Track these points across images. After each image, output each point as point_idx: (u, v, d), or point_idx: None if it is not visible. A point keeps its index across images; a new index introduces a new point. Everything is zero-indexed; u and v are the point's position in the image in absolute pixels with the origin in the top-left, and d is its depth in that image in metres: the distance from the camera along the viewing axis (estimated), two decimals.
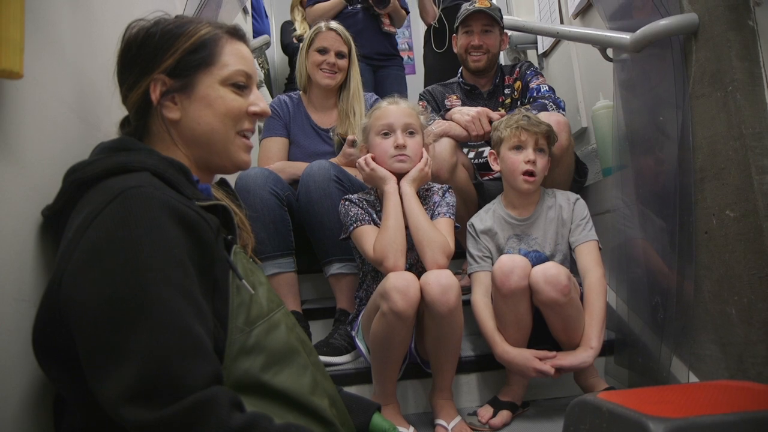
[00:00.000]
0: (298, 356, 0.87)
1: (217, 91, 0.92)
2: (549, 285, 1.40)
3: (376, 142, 1.56)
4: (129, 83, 0.92)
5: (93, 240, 0.71)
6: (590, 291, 1.52)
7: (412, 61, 5.19)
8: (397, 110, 1.56)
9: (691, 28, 1.34)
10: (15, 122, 0.84)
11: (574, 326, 1.46)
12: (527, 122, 1.61)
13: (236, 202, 1.06)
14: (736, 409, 0.84)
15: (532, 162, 1.59)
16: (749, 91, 1.22)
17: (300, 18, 3.76)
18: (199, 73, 0.92)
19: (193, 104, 0.91)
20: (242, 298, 0.83)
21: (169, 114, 0.91)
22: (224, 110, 0.93)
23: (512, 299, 1.44)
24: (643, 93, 1.59)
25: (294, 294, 1.82)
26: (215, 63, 0.93)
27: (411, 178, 1.54)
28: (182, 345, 0.68)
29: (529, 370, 1.45)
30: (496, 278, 1.45)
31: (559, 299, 1.40)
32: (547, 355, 1.46)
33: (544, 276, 1.41)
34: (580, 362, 1.44)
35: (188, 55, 0.91)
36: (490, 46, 2.14)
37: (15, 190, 0.84)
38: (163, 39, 0.91)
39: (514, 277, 1.42)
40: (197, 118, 0.92)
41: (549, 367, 1.43)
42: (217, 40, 0.94)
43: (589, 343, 1.45)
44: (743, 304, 1.23)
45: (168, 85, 0.91)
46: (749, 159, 1.20)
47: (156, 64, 0.90)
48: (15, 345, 0.79)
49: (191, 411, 0.65)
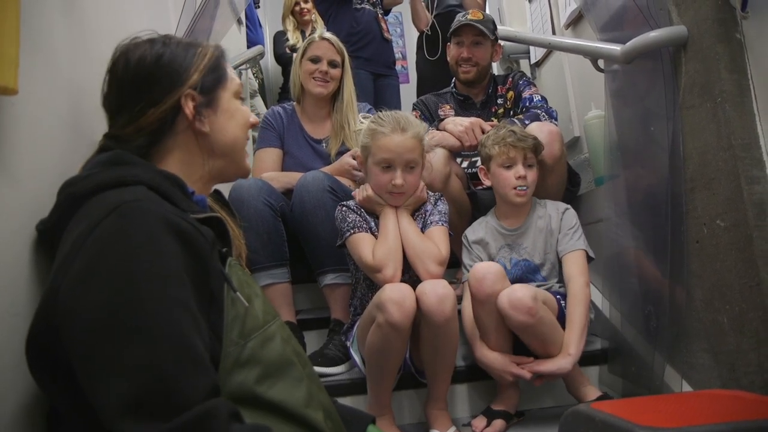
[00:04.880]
0: (293, 368, 0.87)
1: (234, 103, 1.01)
2: (514, 310, 1.41)
3: (375, 172, 1.55)
4: (146, 102, 0.91)
5: (90, 254, 0.71)
6: (572, 299, 1.55)
7: (406, 71, 5.22)
8: (401, 144, 1.50)
9: (681, 41, 1.36)
10: (9, 136, 0.85)
11: (550, 341, 1.48)
12: (514, 139, 1.64)
13: (230, 212, 1.07)
14: (727, 418, 0.85)
15: (523, 177, 1.63)
16: (738, 102, 1.24)
17: (292, 28, 3.79)
18: (218, 89, 0.99)
19: (219, 118, 0.98)
20: (237, 310, 0.83)
21: (203, 127, 0.96)
22: (243, 121, 1.03)
23: (488, 305, 1.46)
24: (634, 103, 1.60)
25: (288, 304, 1.82)
26: (227, 78, 1.01)
27: (406, 204, 1.58)
28: (180, 358, 0.68)
29: (506, 374, 1.48)
30: (471, 285, 1.48)
31: (526, 321, 1.41)
32: (525, 360, 1.49)
33: (509, 301, 1.42)
34: (557, 368, 1.46)
35: (209, 72, 0.97)
36: (479, 59, 2.15)
37: (9, 204, 0.84)
38: (182, 55, 0.95)
39: (487, 282, 1.44)
40: (223, 130, 0.99)
41: (526, 372, 1.46)
42: (221, 57, 1.02)
43: (568, 350, 1.48)
44: (735, 312, 1.24)
45: (197, 100, 0.95)
46: (739, 169, 1.21)
47: (184, 80, 0.94)
48: (8, 359, 0.79)
49: (191, 425, 0.65)
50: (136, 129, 0.92)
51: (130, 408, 0.65)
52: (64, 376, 0.73)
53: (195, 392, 0.67)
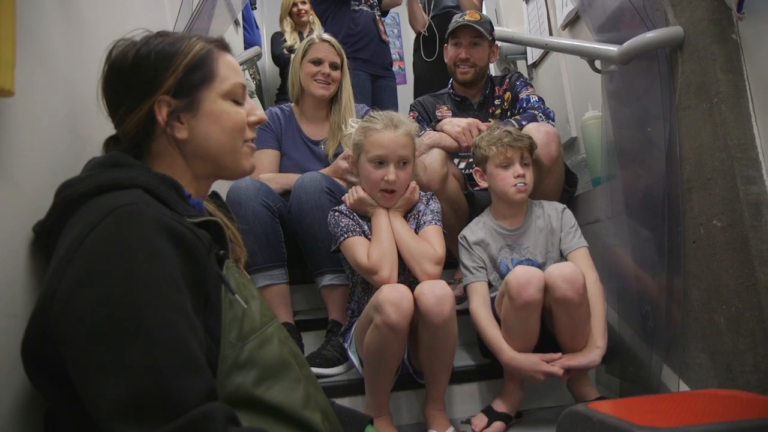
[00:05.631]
0: (291, 370, 0.87)
1: (220, 105, 0.93)
2: (567, 283, 1.40)
3: (367, 169, 1.55)
4: (126, 107, 0.90)
5: (85, 258, 0.71)
6: (590, 293, 1.53)
7: (403, 72, 5.23)
8: (394, 140, 1.52)
9: (677, 41, 1.36)
10: (6, 137, 0.84)
11: (581, 329, 1.47)
12: (511, 139, 1.64)
13: (228, 215, 1.06)
14: (724, 418, 0.85)
15: (522, 176, 1.63)
16: (734, 103, 1.24)
17: (290, 29, 3.79)
18: (201, 90, 0.92)
19: (200, 121, 0.92)
20: (234, 312, 0.83)
21: (179, 134, 0.91)
22: (231, 124, 0.94)
23: (525, 311, 1.43)
24: (631, 104, 1.61)
25: (286, 305, 1.82)
26: (214, 78, 0.93)
27: (397, 206, 1.58)
28: (176, 362, 0.68)
29: (537, 374, 1.45)
30: (512, 289, 1.43)
31: (574, 298, 1.40)
32: (553, 357, 1.47)
33: (561, 274, 1.41)
34: (588, 361, 1.45)
35: (189, 74, 0.91)
36: (477, 60, 2.16)
37: (6, 205, 0.84)
38: (159, 59, 0.90)
39: (531, 288, 1.41)
40: (206, 135, 0.92)
41: (558, 369, 1.44)
42: (211, 54, 0.94)
43: (596, 342, 1.47)
44: (731, 312, 1.24)
45: (173, 105, 0.90)
46: (735, 169, 1.22)
47: (157, 86, 0.89)
48: (5, 360, 0.79)
49: (186, 429, 0.65)
50: (123, 133, 0.92)
51: (125, 412, 0.65)
52: (60, 378, 0.73)
53: (191, 396, 0.67)
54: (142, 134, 0.91)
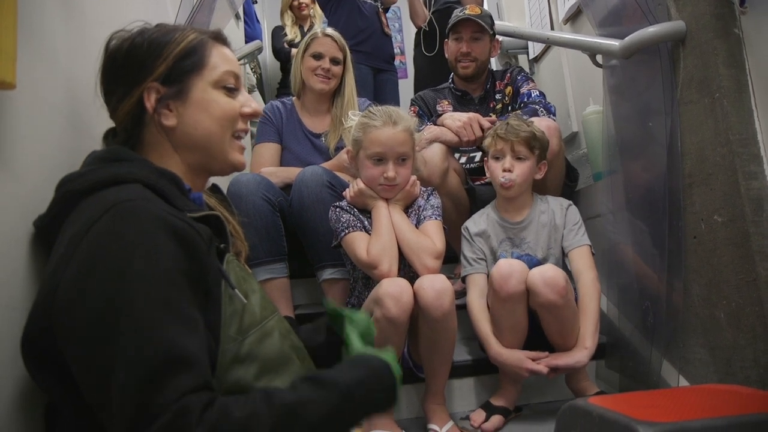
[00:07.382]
0: (292, 364, 0.87)
1: (210, 94, 0.93)
2: (547, 287, 1.41)
3: (367, 165, 1.55)
4: (119, 95, 0.91)
5: (85, 255, 0.71)
6: (584, 293, 1.54)
7: (404, 66, 5.21)
8: (392, 137, 1.51)
9: (679, 36, 1.36)
10: (8, 131, 0.84)
11: (570, 329, 1.48)
12: (504, 131, 1.63)
13: (229, 208, 1.06)
14: (724, 413, 0.85)
15: (508, 170, 1.62)
16: (735, 98, 1.24)
17: (290, 23, 3.78)
18: (191, 78, 0.92)
19: (188, 110, 0.91)
20: (234, 307, 0.83)
21: (166, 121, 0.91)
22: (220, 113, 0.93)
23: (510, 303, 1.45)
24: (632, 99, 1.60)
25: (287, 299, 1.82)
26: (205, 66, 0.93)
27: (397, 199, 1.57)
28: (163, 360, 0.67)
29: (521, 371, 1.46)
30: (494, 282, 1.46)
31: (557, 301, 1.41)
32: (540, 356, 1.48)
33: (543, 278, 1.42)
34: (574, 362, 1.45)
35: (179, 60, 0.91)
36: (478, 54, 2.15)
37: (7, 199, 0.84)
38: (151, 47, 0.90)
39: (513, 281, 1.43)
40: (194, 123, 0.92)
41: (542, 367, 1.45)
42: (204, 44, 0.94)
43: (584, 343, 1.47)
44: (731, 308, 1.24)
45: (162, 92, 0.90)
46: (736, 165, 1.22)
47: (147, 73, 0.89)
48: (6, 353, 0.79)
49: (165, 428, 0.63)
50: (117, 121, 0.93)
51: (122, 404, 0.65)
52: (60, 372, 0.73)
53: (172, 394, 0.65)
54: (133, 122, 0.91)
